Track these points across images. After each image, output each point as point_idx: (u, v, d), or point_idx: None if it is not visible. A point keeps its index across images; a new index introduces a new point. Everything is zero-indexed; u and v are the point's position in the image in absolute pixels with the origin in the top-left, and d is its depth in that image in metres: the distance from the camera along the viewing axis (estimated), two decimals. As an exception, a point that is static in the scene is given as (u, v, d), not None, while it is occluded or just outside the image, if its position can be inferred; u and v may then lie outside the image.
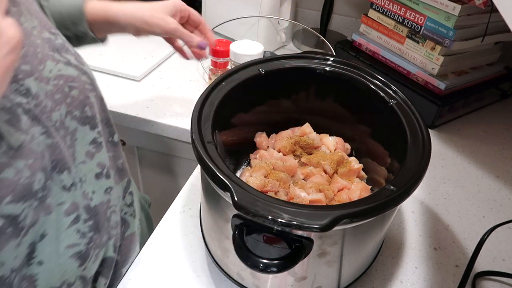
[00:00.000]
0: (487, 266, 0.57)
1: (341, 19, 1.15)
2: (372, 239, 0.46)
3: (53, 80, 0.41)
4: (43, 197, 0.37)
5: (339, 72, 0.56)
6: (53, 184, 0.39)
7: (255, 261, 0.37)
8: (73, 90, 0.43)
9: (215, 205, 0.46)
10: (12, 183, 0.33)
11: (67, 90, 0.42)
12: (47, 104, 0.39)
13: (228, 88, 0.51)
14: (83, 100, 0.44)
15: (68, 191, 0.41)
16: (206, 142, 0.43)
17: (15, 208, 0.33)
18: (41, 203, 0.37)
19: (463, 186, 0.70)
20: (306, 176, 0.55)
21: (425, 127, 0.47)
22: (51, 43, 0.43)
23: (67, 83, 0.42)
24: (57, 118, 0.40)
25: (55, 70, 0.41)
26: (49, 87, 0.40)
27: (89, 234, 0.44)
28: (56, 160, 0.39)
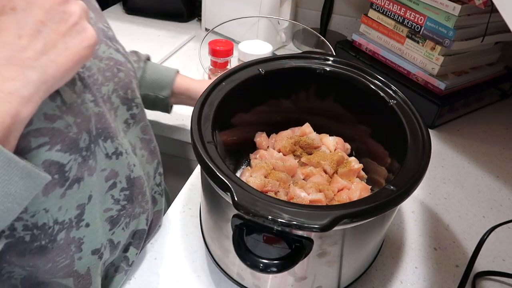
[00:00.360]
0: (487, 266, 0.57)
1: (341, 19, 1.15)
2: (372, 239, 0.46)
3: (105, 60, 0.46)
4: (86, 157, 0.40)
5: (339, 72, 0.56)
6: (98, 148, 0.42)
7: (255, 261, 0.37)
8: (120, 73, 0.48)
9: (215, 205, 0.46)
10: (62, 133, 0.36)
11: (116, 71, 0.47)
12: (98, 77, 0.44)
13: (228, 88, 0.51)
14: (127, 83, 0.49)
15: (109, 159, 0.43)
16: (206, 142, 0.43)
17: (63, 157, 0.36)
18: (84, 161, 0.39)
19: (463, 186, 0.70)
20: (306, 176, 0.55)
21: (425, 127, 0.47)
22: (104, 33, 0.49)
23: (116, 66, 0.47)
24: (105, 92, 0.45)
25: (107, 52, 0.47)
26: (102, 64, 0.45)
27: (122, 202, 0.47)
28: (101, 128, 0.42)
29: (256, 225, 0.38)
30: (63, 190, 0.37)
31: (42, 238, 0.37)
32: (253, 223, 0.38)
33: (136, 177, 0.48)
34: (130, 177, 0.47)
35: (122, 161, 0.45)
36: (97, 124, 0.41)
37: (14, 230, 0.35)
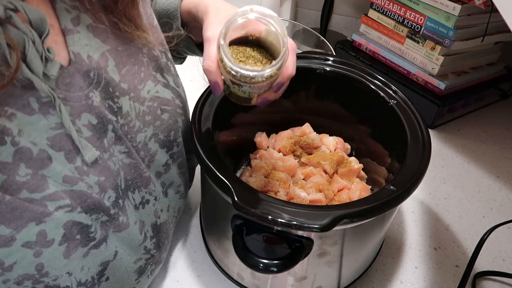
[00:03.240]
0: (487, 266, 0.57)
1: (341, 19, 1.15)
2: (372, 239, 0.46)
3: (148, 101, 0.41)
4: (116, 214, 0.38)
5: (339, 72, 0.56)
6: (127, 202, 0.39)
7: (255, 261, 0.37)
8: (164, 114, 0.43)
9: (215, 205, 0.46)
10: (83, 195, 0.34)
11: (159, 112, 0.42)
12: (135, 124, 0.40)
13: (228, 88, 0.51)
14: (171, 125, 0.44)
15: (137, 210, 0.41)
16: (206, 142, 0.43)
17: (86, 218, 0.34)
18: (112, 220, 0.37)
19: (463, 186, 0.70)
20: (306, 176, 0.55)
21: (425, 127, 0.47)
22: (157, 62, 0.43)
23: (160, 106, 0.42)
24: (141, 139, 0.41)
25: (153, 91, 0.41)
26: (143, 107, 0.40)
27: (152, 251, 0.45)
28: (131, 179, 0.40)
29: (256, 225, 0.38)
30: (86, 250, 0.35)
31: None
32: (253, 223, 0.38)
33: (162, 223, 0.46)
34: (156, 224, 0.45)
35: (148, 210, 0.43)
36: (126, 177, 0.39)
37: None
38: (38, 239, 0.31)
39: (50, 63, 0.31)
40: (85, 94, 0.34)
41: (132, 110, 0.39)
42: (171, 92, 0.44)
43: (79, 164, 0.34)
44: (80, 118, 0.34)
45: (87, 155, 0.34)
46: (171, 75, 0.45)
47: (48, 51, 0.31)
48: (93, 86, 0.35)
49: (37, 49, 0.30)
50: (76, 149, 0.33)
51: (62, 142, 0.33)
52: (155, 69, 0.42)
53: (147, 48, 0.42)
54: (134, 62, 0.40)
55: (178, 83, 0.47)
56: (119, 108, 0.38)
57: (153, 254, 0.45)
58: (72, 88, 0.33)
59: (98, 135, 0.35)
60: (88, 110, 0.34)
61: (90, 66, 0.35)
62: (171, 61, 0.47)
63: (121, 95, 0.38)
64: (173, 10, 0.51)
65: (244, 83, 0.38)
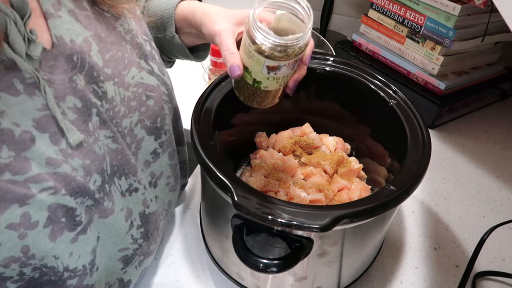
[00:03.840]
0: (487, 266, 0.57)
1: (341, 19, 1.15)
2: (372, 239, 0.46)
3: (133, 87, 0.41)
4: (100, 199, 0.37)
5: (339, 72, 0.56)
6: (114, 187, 0.39)
7: (255, 261, 0.37)
8: (150, 100, 0.43)
9: (215, 205, 0.46)
10: (67, 177, 0.34)
11: (144, 98, 0.42)
12: (120, 109, 0.40)
13: (228, 88, 0.51)
14: (157, 111, 0.44)
15: (124, 196, 0.41)
16: (206, 142, 0.43)
17: (71, 201, 0.34)
18: (98, 204, 0.37)
19: (463, 186, 0.70)
20: (306, 176, 0.55)
21: (425, 127, 0.47)
22: (141, 49, 0.43)
23: (145, 92, 0.42)
24: (127, 124, 0.41)
25: (137, 77, 0.42)
26: (128, 93, 0.41)
27: (139, 240, 0.44)
28: (118, 165, 0.40)
29: (256, 225, 0.38)
30: (73, 235, 0.35)
31: (52, 275, 0.36)
32: (253, 223, 0.38)
33: (151, 213, 0.46)
34: (144, 213, 0.44)
35: (136, 198, 0.43)
36: (112, 162, 0.39)
37: (23, 274, 0.33)
38: (22, 221, 0.31)
39: (33, 44, 0.32)
40: (69, 77, 0.35)
41: (117, 95, 0.39)
42: (156, 79, 0.44)
43: (63, 147, 0.34)
44: (64, 100, 0.34)
45: (72, 138, 0.35)
46: (156, 63, 0.46)
47: (30, 33, 0.32)
48: (77, 69, 0.36)
49: (19, 30, 0.31)
50: (61, 131, 0.34)
51: (47, 124, 0.33)
52: (139, 55, 0.43)
53: (130, 36, 0.42)
54: (117, 48, 0.40)
55: (164, 71, 0.47)
56: (104, 92, 0.38)
57: (141, 244, 0.45)
58: (55, 70, 0.34)
59: (83, 118, 0.36)
60: (73, 93, 0.35)
61: (73, 49, 0.36)
62: (155, 50, 0.47)
63: (106, 79, 0.38)
64: (168, 17, 0.52)
65: (285, 60, 0.39)
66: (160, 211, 0.49)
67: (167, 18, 0.52)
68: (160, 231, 0.50)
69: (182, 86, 0.90)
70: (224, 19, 0.44)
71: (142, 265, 0.47)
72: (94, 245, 0.38)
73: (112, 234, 0.40)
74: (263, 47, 0.38)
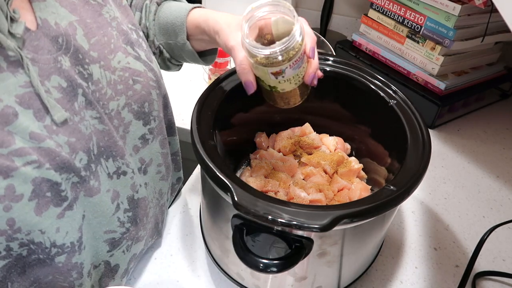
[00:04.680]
0: (487, 266, 0.57)
1: (341, 19, 1.15)
2: (372, 239, 0.46)
3: (120, 71, 0.43)
4: (86, 177, 0.38)
5: (339, 72, 0.56)
6: (100, 168, 0.40)
7: (255, 261, 0.37)
8: (137, 84, 0.44)
9: (215, 205, 0.46)
10: (52, 152, 0.34)
11: (131, 83, 0.44)
12: (107, 91, 0.41)
13: (228, 88, 0.51)
14: (144, 96, 0.45)
15: (111, 178, 0.42)
16: (206, 142, 0.43)
17: (55, 176, 0.35)
18: (83, 182, 0.38)
19: (463, 186, 0.70)
20: (306, 176, 0.55)
21: (425, 127, 0.47)
22: (127, 36, 0.45)
23: (132, 76, 0.44)
24: (114, 107, 0.42)
25: (124, 62, 0.43)
26: (114, 76, 0.42)
27: (127, 224, 0.45)
28: (105, 146, 0.40)
29: (256, 225, 0.38)
30: (60, 210, 0.36)
31: (40, 253, 0.36)
32: (253, 223, 0.38)
33: (140, 198, 0.46)
34: (133, 198, 0.45)
35: (124, 181, 0.43)
36: (99, 143, 0.40)
37: (11, 250, 0.34)
38: (7, 193, 0.32)
39: (15, 23, 0.33)
40: (53, 58, 0.36)
41: (103, 78, 0.41)
42: (143, 65, 0.45)
43: (48, 123, 0.35)
44: (49, 79, 0.36)
45: (56, 115, 0.35)
46: (143, 50, 0.47)
47: (13, 12, 0.33)
48: (62, 51, 0.37)
49: (1, 9, 0.32)
50: (45, 108, 0.35)
51: (31, 100, 0.34)
52: (125, 42, 0.44)
53: (116, 23, 0.44)
54: (103, 34, 0.42)
55: (151, 59, 0.48)
56: (90, 74, 0.39)
57: (128, 228, 0.45)
58: (40, 50, 0.35)
59: (68, 98, 0.37)
60: (57, 73, 0.36)
61: (58, 32, 0.37)
62: (143, 39, 0.49)
63: (91, 62, 0.40)
64: (179, 24, 0.53)
65: (284, 64, 0.41)
66: (150, 199, 0.49)
67: (178, 25, 0.53)
68: (150, 219, 0.50)
69: (182, 86, 0.90)
70: (235, 31, 0.46)
71: (130, 250, 0.47)
72: (80, 223, 0.39)
73: (98, 214, 0.41)
74: (260, 59, 0.41)
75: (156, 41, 0.55)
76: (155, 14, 0.55)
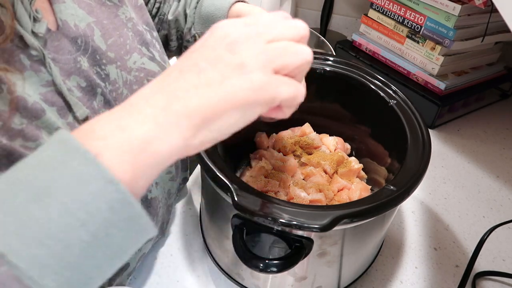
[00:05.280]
0: (487, 266, 0.57)
1: (341, 19, 1.15)
2: (372, 239, 0.46)
3: (135, 72, 0.43)
4: None
5: (339, 72, 0.56)
6: None
7: (255, 261, 0.37)
8: None
9: (215, 205, 0.46)
10: None
11: (146, 83, 0.44)
12: (123, 91, 0.42)
13: (228, 88, 0.51)
14: None
15: None
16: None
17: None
18: None
19: (463, 186, 0.70)
20: (306, 176, 0.55)
21: (425, 127, 0.47)
22: (142, 37, 0.46)
23: (147, 77, 0.44)
24: None
25: (139, 62, 0.44)
26: (130, 77, 0.43)
27: None
28: None
29: (256, 225, 0.38)
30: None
31: None
32: (253, 223, 0.38)
33: (153, 198, 0.46)
34: (147, 197, 0.45)
35: None
36: None
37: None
38: None
39: (38, 23, 0.34)
40: (73, 58, 0.37)
41: (119, 78, 0.41)
42: (157, 66, 0.46)
43: (70, 120, 0.35)
44: (69, 79, 0.36)
45: (78, 112, 0.36)
46: (157, 51, 0.48)
47: (36, 12, 0.34)
48: (81, 52, 0.38)
49: (25, 8, 0.33)
50: (67, 106, 0.35)
51: (53, 98, 0.34)
52: (140, 43, 0.45)
53: (132, 24, 0.45)
54: (119, 35, 0.42)
55: (165, 60, 0.49)
56: (107, 75, 0.40)
57: None
58: (60, 51, 0.36)
59: (88, 97, 0.38)
60: (77, 73, 0.37)
61: (77, 33, 0.38)
62: (157, 40, 0.49)
63: (108, 63, 0.40)
64: (220, 16, 0.54)
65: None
66: (160, 198, 0.50)
67: (219, 17, 0.53)
68: (159, 218, 0.51)
69: (182, 86, 0.90)
70: None
71: (141, 249, 0.48)
72: None
73: None
74: None
75: (193, 29, 0.56)
76: (197, 2, 0.56)
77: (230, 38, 0.28)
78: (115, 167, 0.23)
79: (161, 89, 0.27)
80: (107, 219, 0.22)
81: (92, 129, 0.24)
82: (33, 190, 0.22)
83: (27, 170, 0.22)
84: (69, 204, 0.21)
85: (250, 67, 0.27)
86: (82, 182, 0.22)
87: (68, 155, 0.22)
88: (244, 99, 0.27)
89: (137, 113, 0.25)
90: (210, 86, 0.26)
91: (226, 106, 0.27)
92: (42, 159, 0.23)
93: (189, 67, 0.27)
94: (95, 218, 0.22)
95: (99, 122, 0.25)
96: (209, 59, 0.27)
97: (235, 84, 0.27)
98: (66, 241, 0.21)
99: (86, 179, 0.22)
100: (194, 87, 0.26)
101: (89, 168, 0.22)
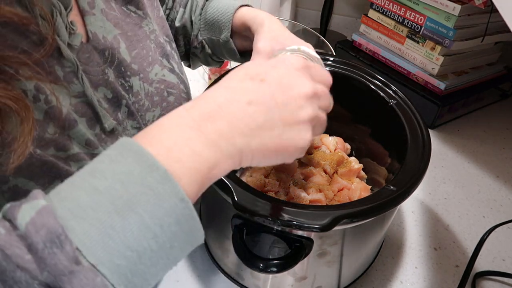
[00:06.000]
0: (487, 266, 0.57)
1: (341, 19, 1.15)
2: (372, 239, 0.46)
3: (156, 83, 0.44)
4: None
5: (339, 72, 0.56)
6: None
7: (255, 261, 0.37)
8: (170, 96, 0.46)
9: (215, 205, 0.46)
10: None
11: (165, 95, 0.45)
12: (145, 103, 0.43)
13: (228, 88, 0.51)
14: (176, 107, 0.46)
15: None
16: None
17: None
18: None
19: (463, 186, 0.70)
20: (306, 176, 0.55)
21: (425, 127, 0.47)
22: (163, 49, 0.47)
23: (167, 89, 0.46)
24: (150, 118, 0.44)
25: (160, 74, 0.45)
26: (151, 88, 0.44)
27: None
28: None
29: (256, 225, 0.38)
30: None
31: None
32: (253, 223, 0.38)
33: None
34: None
35: None
36: None
37: None
38: None
39: (73, 35, 0.35)
40: (101, 70, 0.38)
41: (141, 90, 0.42)
42: (176, 77, 0.47)
43: (98, 131, 0.37)
44: (97, 90, 0.37)
45: (107, 123, 0.37)
46: (176, 62, 0.49)
47: (71, 24, 0.35)
48: (108, 64, 0.39)
49: (63, 20, 0.34)
50: (96, 117, 0.36)
51: (84, 109, 0.35)
52: (161, 54, 0.46)
53: (154, 35, 0.45)
54: (142, 46, 0.43)
55: (182, 71, 0.50)
56: (130, 86, 0.41)
57: None
58: (90, 62, 0.37)
59: (113, 108, 0.39)
60: (105, 84, 0.38)
61: (105, 45, 0.39)
62: (175, 51, 0.50)
63: (132, 75, 0.41)
64: (225, 21, 0.54)
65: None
66: None
67: (224, 22, 0.54)
68: None
69: (182, 86, 0.90)
70: (270, 39, 0.46)
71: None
72: None
73: None
74: None
75: (200, 36, 0.57)
76: (202, 8, 0.57)
77: (300, 91, 0.31)
78: (186, 187, 0.25)
79: (227, 116, 0.28)
80: (174, 232, 0.24)
81: (165, 147, 0.25)
82: (115, 202, 0.23)
83: (105, 181, 0.23)
84: (146, 219, 0.23)
85: (306, 127, 0.31)
86: (159, 199, 0.23)
87: (145, 171, 0.24)
88: (293, 154, 0.31)
89: (204, 137, 0.26)
90: (273, 131, 0.29)
91: (277, 154, 0.30)
92: (119, 170, 0.24)
93: (258, 100, 0.29)
94: (165, 231, 0.24)
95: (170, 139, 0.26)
96: (279, 103, 0.30)
97: (293, 138, 0.30)
98: (141, 252, 0.23)
99: (163, 197, 0.23)
100: (259, 128, 0.29)
101: (165, 187, 0.24)
